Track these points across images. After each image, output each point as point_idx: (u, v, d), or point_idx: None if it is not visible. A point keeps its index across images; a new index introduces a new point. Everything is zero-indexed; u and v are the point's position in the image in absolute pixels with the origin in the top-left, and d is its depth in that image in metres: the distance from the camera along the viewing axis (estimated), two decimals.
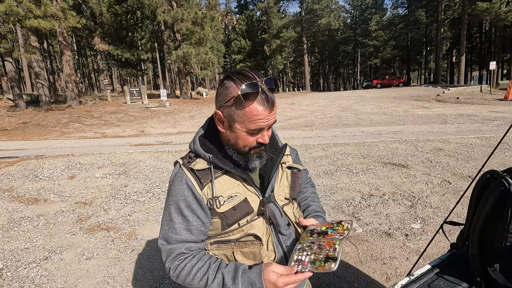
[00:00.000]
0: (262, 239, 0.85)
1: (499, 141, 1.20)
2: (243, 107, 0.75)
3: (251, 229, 0.85)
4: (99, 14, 21.22)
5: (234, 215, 0.83)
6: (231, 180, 0.85)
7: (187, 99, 21.84)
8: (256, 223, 0.86)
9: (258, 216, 0.87)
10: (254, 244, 0.85)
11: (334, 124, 10.06)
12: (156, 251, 2.75)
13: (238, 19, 48.87)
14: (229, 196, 0.83)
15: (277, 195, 0.90)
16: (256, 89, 0.73)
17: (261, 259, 0.85)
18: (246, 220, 0.85)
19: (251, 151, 0.83)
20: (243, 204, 0.84)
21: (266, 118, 0.78)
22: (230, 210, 0.82)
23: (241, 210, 0.83)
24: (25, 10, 11.41)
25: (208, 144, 0.88)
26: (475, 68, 43.24)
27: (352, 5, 49.53)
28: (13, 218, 3.50)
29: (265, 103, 0.76)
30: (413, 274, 1.06)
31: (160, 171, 5.12)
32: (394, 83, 32.64)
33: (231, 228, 0.85)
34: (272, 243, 0.88)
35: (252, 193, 0.86)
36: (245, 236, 0.85)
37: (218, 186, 0.83)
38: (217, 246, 0.88)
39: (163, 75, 38.90)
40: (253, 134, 0.80)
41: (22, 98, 15.04)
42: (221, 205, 0.81)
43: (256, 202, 0.86)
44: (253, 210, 0.85)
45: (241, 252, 0.86)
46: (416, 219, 3.02)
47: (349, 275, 2.25)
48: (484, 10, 23.42)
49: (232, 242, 0.86)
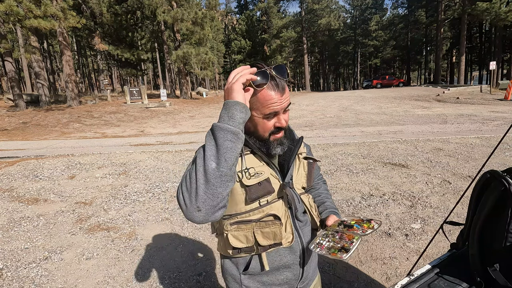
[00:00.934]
0: (282, 220, 0.89)
1: (499, 141, 1.20)
2: (256, 94, 0.80)
3: (271, 210, 0.89)
4: (99, 14, 21.21)
5: (257, 191, 0.86)
6: (257, 160, 0.89)
7: (187, 99, 21.83)
8: (276, 204, 0.90)
9: (278, 199, 0.91)
10: (275, 224, 0.88)
11: (334, 124, 10.06)
12: (156, 250, 2.75)
13: (238, 19, 48.86)
14: (256, 172, 0.87)
15: (295, 183, 0.96)
16: (265, 76, 0.78)
17: (280, 239, 0.89)
18: (266, 200, 0.88)
19: (271, 138, 0.87)
20: (266, 183, 0.88)
21: (279, 101, 0.82)
22: (256, 185, 0.85)
23: (264, 188, 0.87)
24: (25, 10, 11.40)
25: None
26: (475, 68, 43.22)
27: (352, 5, 49.50)
28: (13, 218, 3.50)
29: (275, 88, 0.81)
30: (413, 274, 1.06)
31: (160, 171, 5.12)
32: (394, 83, 32.61)
33: (252, 206, 0.88)
34: (290, 225, 0.92)
35: (274, 177, 0.90)
36: (265, 216, 0.88)
37: (248, 160, 0.87)
38: (237, 227, 0.89)
39: (163, 75, 38.90)
40: (269, 118, 0.84)
41: (22, 98, 15.04)
42: (251, 177, 0.85)
43: (276, 185, 0.90)
44: (274, 190, 0.89)
45: (261, 232, 0.88)
46: (416, 219, 3.02)
47: (349, 275, 2.25)
48: (484, 10, 23.41)
49: (253, 222, 0.88)
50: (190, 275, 2.37)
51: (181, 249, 2.76)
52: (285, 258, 0.93)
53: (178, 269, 2.46)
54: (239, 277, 0.95)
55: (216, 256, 2.62)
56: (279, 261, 0.93)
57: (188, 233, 3.07)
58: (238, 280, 0.95)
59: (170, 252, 2.72)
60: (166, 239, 2.96)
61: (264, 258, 0.91)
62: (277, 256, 0.93)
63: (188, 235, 3.03)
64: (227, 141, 0.69)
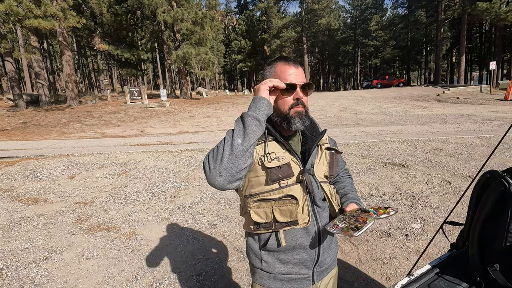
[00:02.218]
0: (299, 201, 0.97)
1: (499, 141, 1.20)
2: (274, 69, 0.99)
3: (289, 191, 0.98)
4: (99, 14, 21.20)
5: (277, 173, 0.96)
6: (279, 147, 1.00)
7: (187, 99, 21.83)
8: (295, 187, 0.98)
9: (297, 183, 0.99)
10: (292, 203, 0.97)
11: (334, 124, 10.06)
12: (156, 250, 2.75)
13: (238, 19, 48.86)
14: (277, 157, 0.97)
15: (316, 171, 1.03)
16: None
17: (296, 217, 0.97)
18: (286, 183, 0.98)
19: (291, 111, 0.97)
20: (286, 167, 0.97)
21: (295, 74, 0.97)
22: (276, 168, 0.96)
23: (284, 171, 0.97)
24: (25, 10, 11.40)
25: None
26: (475, 68, 43.21)
27: (352, 5, 49.47)
28: (13, 218, 3.50)
29: (289, 61, 0.98)
30: (413, 274, 1.06)
31: (160, 171, 5.12)
32: (394, 83, 32.60)
33: (272, 187, 0.98)
34: (307, 208, 0.99)
35: (295, 163, 1.00)
36: (284, 196, 0.97)
37: (270, 146, 0.99)
38: (258, 204, 0.99)
39: (163, 75, 38.89)
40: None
41: (22, 98, 15.04)
42: (271, 161, 0.96)
43: (296, 170, 0.99)
44: (293, 174, 0.98)
45: (279, 210, 0.98)
46: (416, 219, 3.02)
47: (349, 275, 2.25)
48: (484, 10, 23.40)
49: (272, 200, 0.98)
50: (190, 275, 2.37)
51: (181, 249, 2.76)
52: (301, 238, 1.01)
53: (178, 269, 2.46)
54: (259, 252, 1.05)
55: (216, 256, 2.62)
56: (295, 241, 1.01)
57: (188, 233, 3.07)
58: (259, 256, 1.05)
59: (170, 252, 2.72)
60: (166, 239, 2.96)
61: (281, 235, 0.99)
62: (293, 236, 1.01)
63: (188, 235, 3.03)
64: (252, 125, 0.84)
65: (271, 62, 1.01)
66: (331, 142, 1.17)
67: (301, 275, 1.04)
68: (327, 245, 1.08)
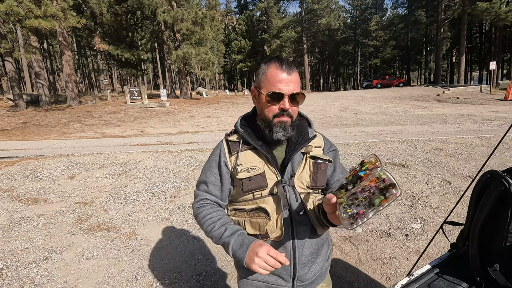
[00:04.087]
0: (271, 215, 0.94)
1: (499, 141, 1.20)
2: (265, 73, 0.93)
3: (263, 203, 0.96)
4: (99, 14, 21.20)
5: (249, 185, 0.95)
6: (255, 156, 0.97)
7: (187, 99, 21.83)
8: (269, 199, 0.96)
9: (271, 195, 0.96)
10: (261, 216, 0.95)
11: (334, 124, 10.05)
12: (156, 250, 2.75)
13: (238, 19, 48.87)
14: (249, 168, 0.95)
15: (297, 181, 0.97)
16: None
17: (264, 231, 0.95)
18: (260, 194, 0.96)
19: (275, 120, 0.93)
20: (259, 177, 0.95)
21: (285, 82, 0.90)
22: (246, 179, 0.95)
23: (256, 182, 0.95)
24: (25, 10, 11.40)
25: (246, 123, 1.03)
26: (475, 68, 43.20)
27: (352, 5, 49.48)
28: (13, 218, 3.50)
29: (282, 66, 0.91)
30: (413, 274, 1.06)
31: (160, 171, 5.12)
32: (394, 83, 32.62)
33: (246, 197, 0.97)
34: (281, 221, 0.94)
35: (272, 172, 0.96)
36: (256, 209, 0.96)
37: (242, 157, 0.97)
38: (235, 213, 1.01)
39: (163, 75, 38.88)
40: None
41: (22, 98, 15.04)
42: (239, 172, 0.95)
43: (272, 181, 0.96)
44: (267, 185, 0.95)
45: (250, 222, 0.97)
46: (416, 219, 3.02)
47: (349, 275, 2.25)
48: (484, 10, 23.40)
49: (245, 211, 0.98)
50: (190, 275, 2.37)
51: (181, 249, 2.76)
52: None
53: (178, 269, 2.46)
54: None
55: (216, 256, 2.62)
56: None
57: (188, 233, 3.07)
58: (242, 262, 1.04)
59: (170, 252, 2.72)
60: (166, 239, 2.97)
61: None
62: None
63: (188, 235, 3.03)
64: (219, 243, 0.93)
65: (267, 61, 0.95)
66: (327, 148, 1.07)
67: (279, 285, 1.01)
68: (308, 260, 1.01)
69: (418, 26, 40.94)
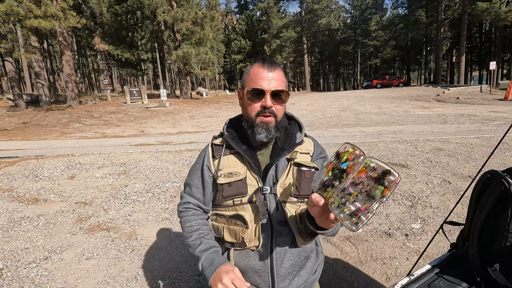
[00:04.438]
0: (248, 224, 0.91)
1: (499, 141, 1.20)
2: (249, 72, 0.91)
3: (242, 210, 0.92)
4: (99, 14, 21.21)
5: (228, 190, 0.92)
6: (237, 161, 0.94)
7: (187, 99, 21.83)
8: (247, 207, 0.92)
9: (250, 202, 0.92)
10: (238, 224, 0.92)
11: (334, 124, 10.06)
12: (156, 250, 2.75)
13: (238, 19, 48.87)
14: (229, 173, 0.93)
15: (279, 189, 0.92)
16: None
17: (240, 239, 0.92)
18: (240, 200, 0.92)
19: (258, 119, 0.89)
20: (239, 183, 0.92)
21: (267, 79, 0.87)
22: (226, 185, 0.92)
23: (236, 188, 0.92)
24: (25, 10, 11.40)
25: (232, 127, 1.01)
26: (475, 68, 43.21)
27: (352, 5, 49.50)
28: (13, 218, 3.50)
29: (264, 64, 0.88)
30: (413, 274, 1.06)
31: (160, 171, 5.12)
32: (394, 83, 32.64)
33: (227, 203, 0.95)
34: (259, 231, 0.91)
35: (253, 179, 0.92)
36: (234, 216, 0.93)
37: (224, 161, 0.95)
38: (215, 218, 1.00)
39: (163, 75, 38.89)
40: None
41: (22, 98, 15.04)
42: (218, 177, 0.93)
43: (253, 187, 0.92)
44: (247, 192, 0.92)
45: (228, 229, 0.95)
46: (416, 219, 3.02)
47: (349, 275, 2.25)
48: (484, 10, 23.40)
49: (224, 217, 0.96)
50: (190, 275, 2.37)
51: (181, 249, 2.76)
52: (253, 261, 0.93)
53: (178, 269, 2.46)
54: None
55: None
56: (247, 262, 0.94)
57: None
58: None
59: (170, 252, 2.72)
60: (166, 239, 2.96)
61: (231, 254, 0.96)
62: (246, 256, 0.95)
63: None
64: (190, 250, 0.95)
65: (253, 63, 0.92)
66: (317, 155, 1.01)
67: None
68: (289, 272, 0.93)
69: (418, 26, 40.96)
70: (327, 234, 0.83)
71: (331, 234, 0.87)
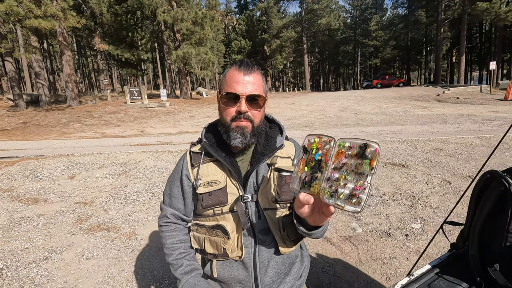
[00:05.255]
0: (230, 234, 0.88)
1: (499, 141, 1.20)
2: (225, 75, 0.87)
3: (223, 220, 0.89)
4: (99, 14, 21.20)
5: (208, 200, 0.89)
6: (217, 169, 0.91)
7: (187, 99, 21.83)
8: (229, 216, 0.89)
9: (231, 211, 0.89)
10: (219, 235, 0.89)
11: (334, 124, 10.06)
12: (156, 250, 2.75)
13: (238, 19, 48.85)
14: (209, 182, 0.89)
15: (260, 196, 0.89)
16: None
17: (222, 251, 0.90)
18: (220, 210, 0.89)
19: (233, 124, 0.85)
20: (220, 192, 0.88)
21: (242, 82, 0.83)
22: (206, 194, 0.89)
23: (216, 198, 0.88)
24: (26, 10, 11.40)
25: (211, 133, 0.96)
26: (475, 68, 43.22)
27: (352, 5, 49.51)
28: (13, 218, 3.50)
29: (241, 66, 0.84)
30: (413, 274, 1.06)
31: (160, 171, 5.12)
32: (394, 83, 32.63)
33: (207, 213, 0.91)
34: (241, 241, 0.88)
35: (234, 187, 0.89)
36: (215, 226, 0.90)
37: (204, 170, 0.91)
38: (197, 229, 0.96)
39: (163, 75, 38.89)
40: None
41: (22, 98, 15.04)
42: (199, 187, 0.89)
43: (234, 196, 0.89)
44: (227, 201, 0.88)
45: (209, 240, 0.92)
46: (416, 219, 3.02)
47: (349, 275, 2.25)
48: (484, 10, 23.40)
49: (205, 228, 0.93)
50: None
51: None
52: (236, 271, 0.91)
53: None
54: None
55: None
56: (230, 273, 0.92)
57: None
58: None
59: None
60: None
61: (213, 265, 0.93)
62: (229, 267, 0.92)
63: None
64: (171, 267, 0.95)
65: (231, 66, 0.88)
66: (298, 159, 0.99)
67: None
68: (273, 280, 0.92)
69: (418, 26, 40.96)
70: (316, 235, 0.80)
71: (320, 234, 0.82)
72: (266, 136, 0.94)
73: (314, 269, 2.33)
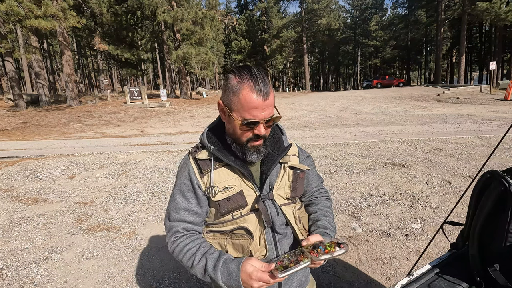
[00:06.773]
0: (253, 234, 0.88)
1: (499, 141, 1.20)
2: (238, 94, 0.79)
3: (243, 222, 0.89)
4: (99, 14, 21.19)
5: (227, 206, 0.87)
6: (230, 173, 0.89)
7: (187, 99, 21.83)
8: (249, 217, 0.89)
9: (252, 212, 0.90)
10: (244, 237, 0.89)
11: (334, 124, 10.06)
12: (156, 250, 2.75)
13: (238, 19, 48.84)
14: (225, 187, 0.87)
15: (276, 194, 0.92)
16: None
17: (249, 253, 0.88)
18: (239, 213, 0.89)
19: (248, 144, 0.86)
20: (238, 196, 0.88)
21: (261, 108, 0.80)
22: (224, 200, 0.87)
23: (235, 202, 0.87)
24: (26, 10, 11.41)
25: (214, 137, 0.93)
26: (475, 68, 43.24)
27: (352, 5, 49.52)
28: (13, 218, 3.50)
29: (258, 91, 0.78)
30: (413, 274, 1.06)
31: (160, 171, 5.12)
32: (394, 83, 32.65)
33: (225, 218, 0.89)
34: (264, 239, 0.90)
35: (249, 188, 0.89)
36: (237, 229, 0.89)
37: (216, 176, 0.88)
38: (213, 235, 0.93)
39: (163, 75, 38.89)
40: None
41: (22, 98, 15.04)
42: (216, 194, 0.86)
43: (251, 197, 0.89)
44: (247, 204, 0.88)
45: (232, 243, 0.90)
46: (416, 219, 3.02)
47: (349, 275, 2.25)
48: (484, 10, 23.41)
49: (225, 233, 0.91)
50: (190, 275, 2.37)
51: None
52: None
53: (178, 269, 2.46)
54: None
55: None
56: None
57: None
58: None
59: None
60: None
61: None
62: None
63: None
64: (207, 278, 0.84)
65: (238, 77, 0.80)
66: (303, 155, 1.03)
67: None
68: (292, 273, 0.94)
69: (418, 26, 40.99)
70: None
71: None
72: (273, 137, 0.97)
73: (314, 269, 2.34)
